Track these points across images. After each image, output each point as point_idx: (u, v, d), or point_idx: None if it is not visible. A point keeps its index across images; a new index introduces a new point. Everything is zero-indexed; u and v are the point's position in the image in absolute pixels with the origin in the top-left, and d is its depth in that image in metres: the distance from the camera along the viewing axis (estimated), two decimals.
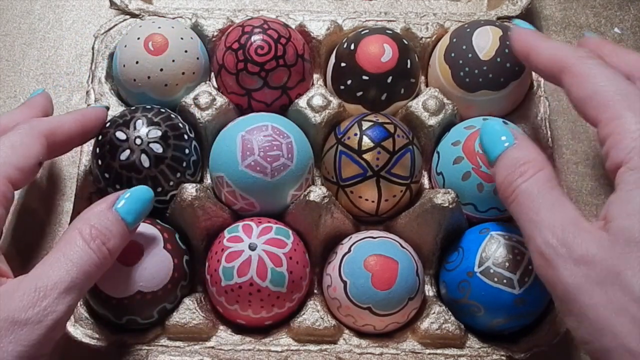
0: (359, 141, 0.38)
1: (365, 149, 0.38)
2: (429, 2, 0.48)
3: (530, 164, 0.31)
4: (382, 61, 0.41)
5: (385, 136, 0.38)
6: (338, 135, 0.40)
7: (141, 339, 0.38)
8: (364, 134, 0.39)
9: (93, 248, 0.32)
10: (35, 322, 0.29)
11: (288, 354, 0.38)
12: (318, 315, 0.38)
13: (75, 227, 0.32)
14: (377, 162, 0.38)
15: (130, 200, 0.34)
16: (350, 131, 0.39)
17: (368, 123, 0.39)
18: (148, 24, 0.42)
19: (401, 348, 0.38)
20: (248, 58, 0.40)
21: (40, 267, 0.31)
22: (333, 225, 0.39)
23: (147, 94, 0.41)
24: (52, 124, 0.36)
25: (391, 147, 0.38)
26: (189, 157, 0.40)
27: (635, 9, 0.51)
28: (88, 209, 0.34)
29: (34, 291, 0.29)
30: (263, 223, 0.38)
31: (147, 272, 0.36)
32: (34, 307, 0.29)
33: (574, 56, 0.33)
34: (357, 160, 0.38)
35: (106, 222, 0.33)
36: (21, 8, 0.52)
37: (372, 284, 0.36)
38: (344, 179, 0.39)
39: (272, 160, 0.38)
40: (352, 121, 0.40)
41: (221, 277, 0.36)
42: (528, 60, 0.37)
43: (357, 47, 0.41)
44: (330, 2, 0.48)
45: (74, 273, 0.31)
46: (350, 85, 0.41)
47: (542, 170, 0.31)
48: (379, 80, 0.41)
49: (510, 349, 0.37)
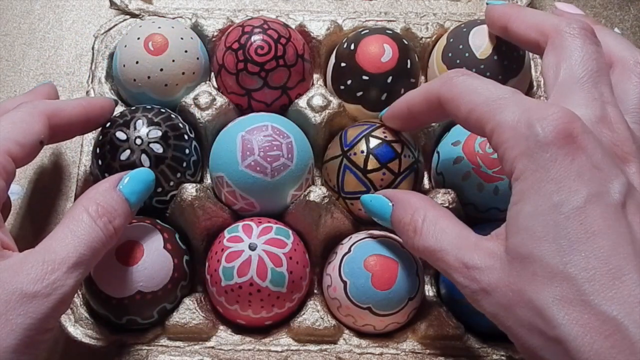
0: (365, 160, 0.38)
1: (371, 169, 0.38)
2: (429, 2, 0.48)
3: (414, 218, 0.32)
4: (382, 61, 0.40)
5: (392, 157, 0.38)
6: (344, 147, 0.39)
7: (141, 339, 0.38)
8: (370, 153, 0.38)
9: (100, 225, 0.32)
10: (44, 296, 0.29)
11: (288, 354, 0.38)
12: (318, 315, 0.38)
13: (81, 204, 0.32)
14: (381, 182, 0.38)
15: (133, 181, 0.35)
16: (356, 146, 0.39)
17: (376, 141, 0.38)
18: (148, 24, 0.42)
19: (401, 348, 0.38)
20: (248, 58, 0.40)
21: (47, 241, 0.31)
22: (333, 225, 0.39)
23: (147, 94, 0.41)
24: (55, 104, 0.36)
25: (397, 169, 0.38)
26: (189, 157, 0.40)
27: (635, 9, 0.51)
28: (92, 188, 0.34)
29: (42, 264, 0.30)
30: (263, 223, 0.38)
31: (147, 272, 0.36)
32: (42, 280, 0.29)
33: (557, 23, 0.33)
34: (361, 178, 0.38)
35: (111, 200, 0.33)
36: (21, 8, 0.52)
37: (372, 284, 0.36)
38: (346, 192, 0.39)
39: (272, 160, 0.38)
40: (359, 134, 0.39)
41: (221, 277, 0.36)
42: (507, 32, 0.37)
43: (357, 47, 0.41)
44: (330, 2, 0.48)
45: (82, 249, 0.31)
46: (350, 85, 0.41)
47: (424, 218, 0.32)
48: (379, 80, 0.41)
49: (510, 349, 0.37)
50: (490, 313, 0.28)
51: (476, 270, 0.28)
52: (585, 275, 0.25)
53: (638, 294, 0.24)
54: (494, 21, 0.38)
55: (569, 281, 0.25)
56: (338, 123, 0.42)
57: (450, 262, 0.30)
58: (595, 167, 0.26)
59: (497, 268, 0.28)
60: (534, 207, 0.27)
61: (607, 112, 0.29)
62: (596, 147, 0.27)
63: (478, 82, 0.31)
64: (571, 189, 0.26)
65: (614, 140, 0.29)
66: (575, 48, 0.31)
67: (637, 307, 0.24)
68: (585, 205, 0.26)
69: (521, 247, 0.27)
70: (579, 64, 0.30)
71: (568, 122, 0.27)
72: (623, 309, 0.24)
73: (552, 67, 0.32)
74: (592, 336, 0.24)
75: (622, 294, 0.24)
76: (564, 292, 0.25)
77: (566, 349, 0.25)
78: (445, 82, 0.32)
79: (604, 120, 0.29)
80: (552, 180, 0.26)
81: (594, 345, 0.24)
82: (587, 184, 0.26)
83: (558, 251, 0.25)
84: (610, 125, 0.29)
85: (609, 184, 0.26)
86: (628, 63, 0.32)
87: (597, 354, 0.24)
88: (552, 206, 0.26)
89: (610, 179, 0.26)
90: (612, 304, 0.24)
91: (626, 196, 0.26)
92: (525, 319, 0.26)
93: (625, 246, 0.25)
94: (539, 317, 0.26)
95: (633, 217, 0.26)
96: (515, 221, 0.27)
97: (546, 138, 0.27)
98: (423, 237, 0.32)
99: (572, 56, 0.31)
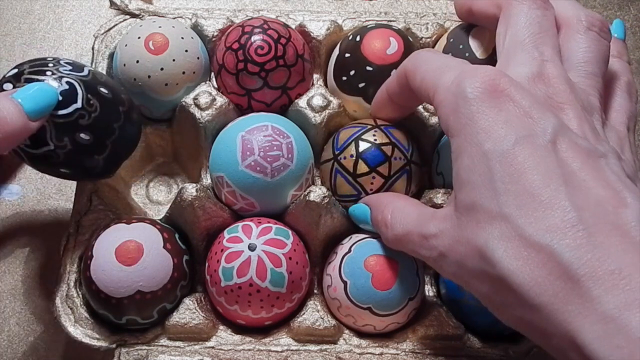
0: (354, 164, 0.38)
1: (360, 173, 0.38)
2: (429, 2, 0.48)
3: (384, 214, 0.34)
4: (387, 53, 0.40)
5: (381, 161, 0.38)
6: (335, 151, 0.39)
7: (141, 339, 0.38)
8: (359, 157, 0.38)
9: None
10: None
11: (288, 354, 0.38)
12: (318, 315, 0.38)
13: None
14: (371, 186, 0.38)
15: (29, 88, 0.34)
16: (346, 150, 0.39)
17: (365, 144, 0.38)
18: (149, 23, 0.42)
19: (401, 348, 0.38)
20: (248, 58, 0.40)
21: None
22: (333, 225, 0.39)
23: (147, 93, 0.41)
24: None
25: (386, 172, 0.38)
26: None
27: (635, 9, 0.51)
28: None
29: None
30: (263, 223, 0.38)
31: (146, 272, 0.36)
32: None
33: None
34: (352, 182, 0.38)
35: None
36: (21, 8, 0.52)
37: (372, 284, 0.36)
38: (339, 195, 0.39)
39: (272, 160, 0.38)
40: (349, 137, 0.39)
41: (221, 278, 0.36)
42: (472, 14, 0.38)
43: (363, 39, 0.41)
44: (330, 2, 0.48)
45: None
46: (353, 76, 0.41)
47: (392, 211, 0.34)
48: (383, 72, 0.40)
49: (510, 348, 0.37)
50: (451, 274, 0.30)
51: (433, 237, 0.30)
52: (519, 212, 0.26)
53: (570, 219, 0.25)
54: (460, 8, 0.39)
55: (506, 220, 0.26)
56: (338, 123, 0.42)
57: (415, 239, 0.31)
58: (524, 115, 0.28)
59: (449, 229, 0.29)
60: (470, 159, 0.28)
61: (544, 69, 0.30)
62: (524, 97, 0.28)
63: (434, 55, 0.33)
64: (500, 135, 0.27)
65: (549, 93, 0.30)
66: (521, 14, 0.33)
67: (570, 231, 0.25)
68: (514, 147, 0.27)
69: (466, 199, 0.28)
70: (523, 28, 0.32)
71: (495, 79, 0.28)
72: (556, 235, 0.25)
73: (502, 35, 0.33)
74: (531, 267, 0.25)
75: (555, 222, 0.25)
76: (502, 231, 0.26)
77: (509, 285, 0.26)
78: (410, 57, 0.35)
79: (540, 77, 0.30)
80: (482, 130, 0.28)
81: (532, 274, 0.25)
82: (515, 129, 0.27)
83: (494, 195, 0.27)
84: (547, 81, 0.30)
85: (538, 127, 0.27)
86: (572, 22, 0.33)
87: (536, 284, 0.25)
88: (483, 154, 0.27)
89: (540, 122, 0.27)
90: (545, 233, 0.25)
91: (556, 135, 0.27)
92: (474, 268, 0.28)
93: (555, 178, 0.26)
94: (483, 259, 0.27)
95: (565, 153, 0.27)
96: (457, 177, 0.29)
97: (473, 93, 0.28)
98: (393, 228, 0.33)
99: (517, 22, 0.32)
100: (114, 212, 0.41)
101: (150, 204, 0.46)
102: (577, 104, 0.30)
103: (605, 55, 0.33)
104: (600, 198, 0.26)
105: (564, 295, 0.24)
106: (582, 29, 0.33)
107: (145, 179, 0.46)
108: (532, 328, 0.26)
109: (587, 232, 0.25)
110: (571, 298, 0.24)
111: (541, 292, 0.25)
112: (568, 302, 0.24)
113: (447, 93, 0.30)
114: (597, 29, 0.33)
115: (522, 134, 0.27)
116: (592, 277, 0.24)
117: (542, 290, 0.25)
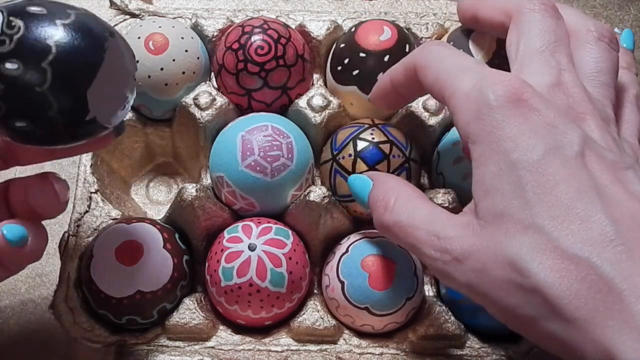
0: (353, 163, 0.38)
1: (359, 172, 0.38)
2: (429, 2, 0.48)
3: (387, 196, 0.33)
4: (380, 39, 0.40)
5: (379, 159, 0.38)
6: (334, 151, 0.40)
7: (141, 339, 0.38)
8: (358, 157, 0.38)
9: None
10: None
11: (288, 354, 0.38)
12: (318, 315, 0.38)
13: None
14: None
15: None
16: (345, 150, 0.39)
17: (363, 143, 0.39)
18: (149, 23, 0.42)
19: (401, 348, 0.38)
20: (248, 58, 0.40)
21: None
22: (333, 225, 0.39)
23: (147, 93, 0.41)
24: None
25: (386, 170, 0.38)
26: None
27: (635, 9, 0.51)
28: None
29: None
30: (263, 223, 0.38)
31: (146, 272, 0.36)
32: None
33: (519, 2, 0.33)
34: None
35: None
36: None
37: (369, 284, 0.36)
38: (339, 195, 0.39)
39: (272, 160, 0.38)
40: (347, 137, 0.39)
41: (221, 278, 0.36)
42: (477, 21, 0.37)
43: (358, 29, 0.41)
44: (330, 2, 0.48)
45: None
46: (347, 64, 0.41)
47: (397, 196, 0.32)
48: (376, 58, 0.40)
49: (510, 348, 0.38)
50: (463, 283, 0.28)
51: (448, 240, 0.29)
52: (554, 223, 0.25)
53: (608, 232, 0.25)
54: (464, 14, 0.38)
55: (539, 231, 0.25)
56: (338, 123, 0.42)
57: (421, 236, 0.30)
58: (549, 125, 0.27)
59: (469, 235, 0.28)
60: (497, 167, 0.27)
61: (562, 78, 0.30)
62: (548, 108, 0.28)
63: (448, 52, 0.32)
64: (528, 145, 0.27)
65: (569, 103, 0.29)
66: (534, 22, 0.32)
67: (609, 245, 0.24)
68: (544, 158, 0.26)
69: (492, 207, 0.27)
70: (537, 36, 0.31)
71: (519, 87, 0.28)
72: (595, 249, 0.24)
73: (514, 43, 0.32)
74: (569, 280, 0.24)
75: (592, 235, 0.25)
76: (536, 242, 0.25)
77: (544, 296, 0.25)
78: (421, 49, 0.33)
79: (559, 86, 0.30)
80: (508, 139, 0.27)
81: (571, 287, 0.24)
82: (542, 139, 0.27)
83: (525, 205, 0.26)
84: (566, 90, 0.30)
85: (565, 137, 0.27)
86: (581, 32, 0.33)
87: (576, 297, 0.24)
88: (512, 163, 0.27)
89: (566, 133, 0.27)
90: (583, 246, 0.25)
91: (584, 147, 0.27)
92: (501, 279, 0.26)
93: (588, 191, 0.26)
94: (515, 270, 0.26)
95: (593, 165, 0.27)
96: (481, 185, 0.28)
97: (497, 101, 0.28)
98: (394, 213, 0.32)
99: (531, 30, 0.32)
100: (114, 212, 0.41)
101: (150, 204, 0.46)
102: (597, 114, 0.29)
103: (615, 66, 0.33)
104: (634, 211, 0.25)
105: (604, 310, 0.24)
106: (593, 39, 0.33)
107: (145, 179, 0.46)
108: (562, 343, 0.25)
109: (625, 246, 0.24)
110: (612, 313, 0.23)
111: (581, 305, 0.24)
112: (608, 317, 0.23)
113: (467, 99, 0.29)
114: (607, 39, 0.33)
115: (550, 144, 0.27)
116: (633, 292, 0.23)
117: (581, 304, 0.24)
